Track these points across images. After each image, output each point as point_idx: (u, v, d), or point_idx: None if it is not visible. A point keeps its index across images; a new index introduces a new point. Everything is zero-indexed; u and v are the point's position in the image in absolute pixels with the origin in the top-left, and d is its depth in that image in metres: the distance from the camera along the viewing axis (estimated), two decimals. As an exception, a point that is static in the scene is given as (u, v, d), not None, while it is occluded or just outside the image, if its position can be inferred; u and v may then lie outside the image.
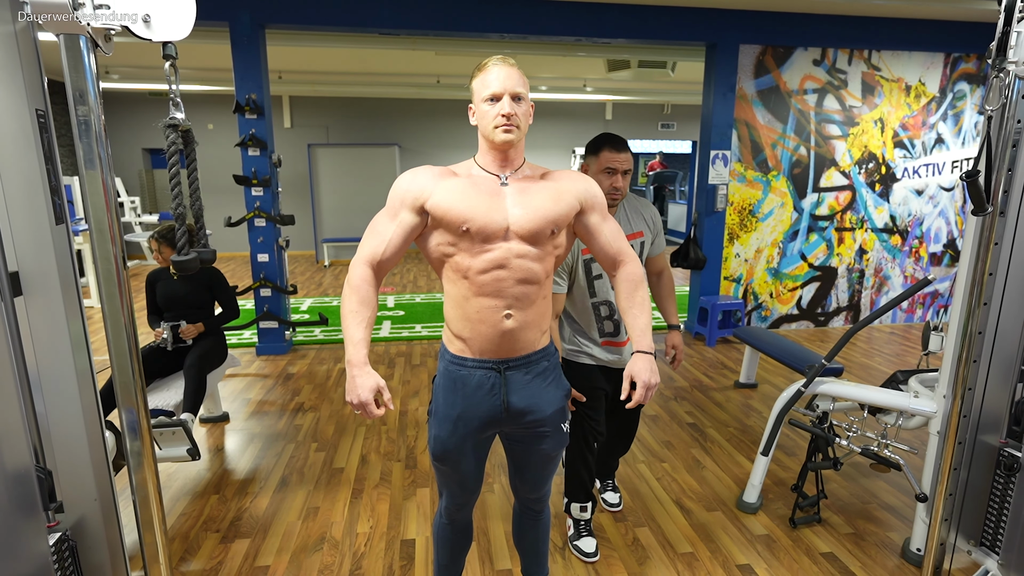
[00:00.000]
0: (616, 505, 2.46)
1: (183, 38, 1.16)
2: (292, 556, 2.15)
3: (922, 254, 5.44)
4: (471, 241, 1.34)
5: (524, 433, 1.50)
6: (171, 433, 2.32)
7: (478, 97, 1.37)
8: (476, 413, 1.44)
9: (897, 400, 2.17)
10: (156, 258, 2.92)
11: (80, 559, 1.39)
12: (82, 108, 1.14)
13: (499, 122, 1.33)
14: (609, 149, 1.87)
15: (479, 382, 1.42)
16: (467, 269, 1.36)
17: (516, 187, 1.39)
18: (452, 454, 1.48)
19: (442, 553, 1.73)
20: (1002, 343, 1.71)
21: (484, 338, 1.39)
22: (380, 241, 1.39)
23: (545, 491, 1.65)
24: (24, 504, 1.23)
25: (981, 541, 1.83)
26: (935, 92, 5.11)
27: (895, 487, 2.65)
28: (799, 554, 2.19)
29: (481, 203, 1.34)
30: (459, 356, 1.44)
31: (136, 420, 1.33)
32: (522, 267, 1.36)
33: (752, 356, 3.87)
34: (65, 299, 1.34)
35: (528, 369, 1.45)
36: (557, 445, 1.53)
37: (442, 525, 1.69)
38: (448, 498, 1.61)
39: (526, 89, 1.36)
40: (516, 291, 1.37)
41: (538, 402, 1.46)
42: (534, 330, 1.43)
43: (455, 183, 1.37)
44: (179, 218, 1.22)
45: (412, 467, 2.80)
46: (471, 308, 1.38)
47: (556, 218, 1.38)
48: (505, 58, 1.36)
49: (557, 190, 1.41)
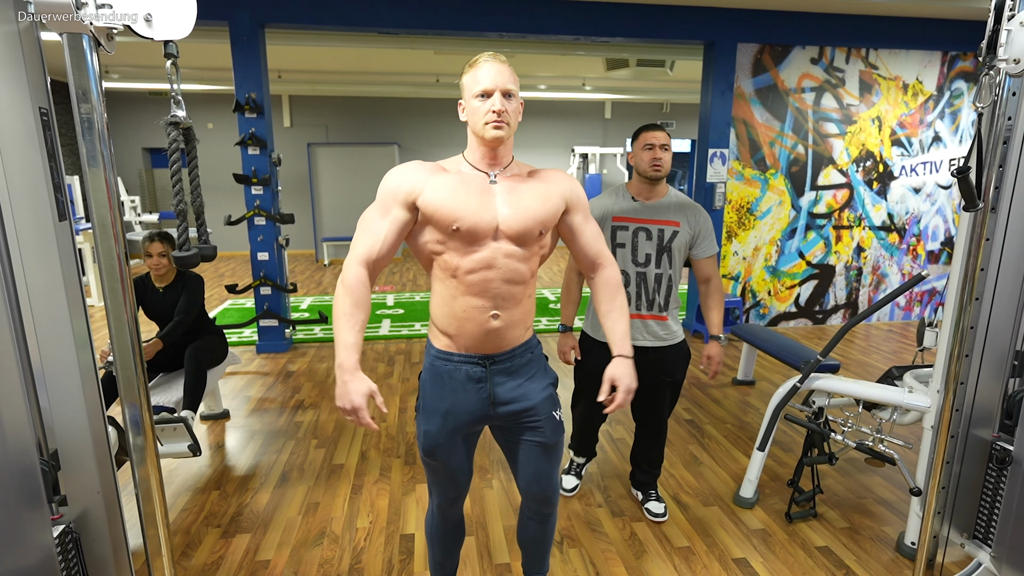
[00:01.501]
0: (661, 515, 2.38)
1: (184, 37, 1.18)
2: (292, 551, 2.17)
3: (919, 252, 5.46)
4: (460, 240, 1.35)
5: (516, 425, 1.51)
6: (172, 429, 2.34)
7: (468, 93, 1.37)
8: (464, 407, 1.46)
9: (892, 395, 2.19)
10: (144, 260, 2.82)
11: (84, 552, 1.41)
12: (85, 106, 1.15)
13: (489, 118, 1.33)
14: (646, 130, 2.13)
15: (465, 376, 1.44)
16: (456, 268, 1.37)
17: (505, 186, 1.39)
18: (442, 448, 1.49)
19: (437, 550, 1.74)
20: (994, 338, 1.73)
21: (470, 336, 1.40)
22: (375, 239, 1.38)
23: (552, 489, 1.60)
24: (29, 496, 1.25)
25: (974, 534, 1.85)
26: (932, 90, 5.13)
27: (890, 482, 2.68)
28: (795, 548, 2.21)
29: (471, 202, 1.35)
30: (445, 351, 1.45)
31: (139, 415, 1.35)
32: (509, 267, 1.37)
33: (750, 353, 3.89)
34: (68, 295, 1.36)
35: (512, 362, 1.46)
36: (553, 433, 1.53)
37: (435, 523, 1.69)
38: (439, 495, 1.61)
39: (516, 86, 1.37)
40: (503, 291, 1.38)
41: (524, 392, 1.48)
42: (519, 327, 1.45)
43: (445, 180, 1.37)
44: (180, 215, 1.24)
45: (411, 463, 2.82)
46: (458, 307, 1.39)
47: (544, 219, 1.40)
48: (495, 54, 1.36)
49: (545, 190, 1.42)
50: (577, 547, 2.21)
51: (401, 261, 9.14)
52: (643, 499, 2.47)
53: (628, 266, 2.16)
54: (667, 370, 2.23)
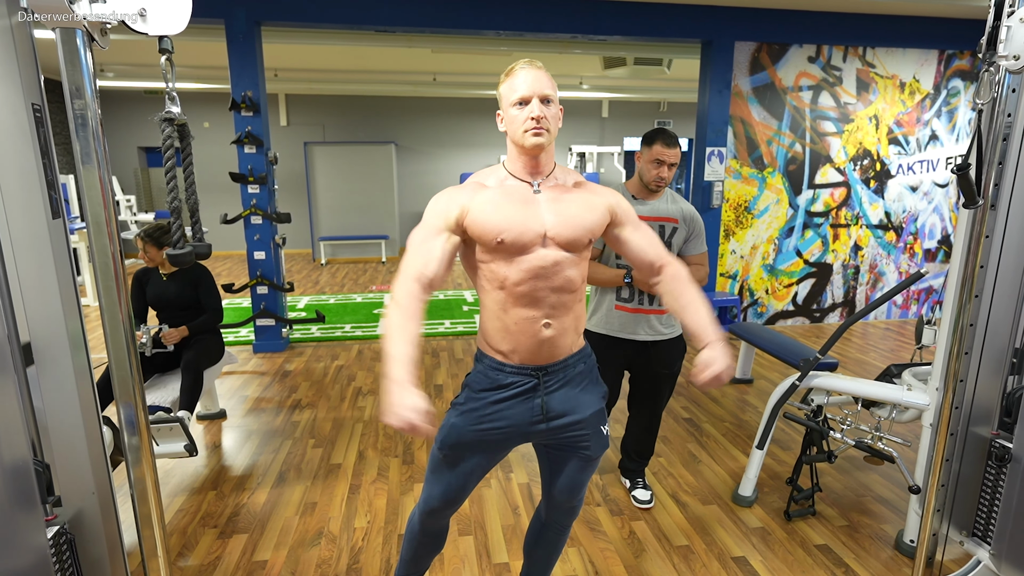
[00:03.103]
0: (647, 502, 2.46)
1: (179, 33, 1.17)
2: (290, 551, 2.16)
3: (916, 250, 5.47)
4: (507, 253, 1.32)
5: (563, 441, 1.47)
6: (168, 429, 2.33)
7: (506, 102, 1.35)
8: (508, 414, 1.42)
9: (890, 393, 2.19)
10: (142, 257, 2.88)
11: (78, 553, 1.40)
12: (79, 102, 1.14)
13: (528, 126, 1.31)
14: (661, 143, 2.14)
15: (517, 385, 1.40)
16: (504, 279, 1.33)
17: (549, 195, 1.37)
18: (466, 446, 1.45)
19: (407, 549, 1.69)
20: (993, 335, 1.73)
21: (524, 349, 1.38)
22: (427, 257, 1.32)
23: (579, 499, 1.58)
24: (22, 497, 1.24)
25: (973, 532, 1.85)
26: (929, 89, 5.13)
27: (889, 480, 2.67)
28: (794, 546, 2.21)
29: (516, 213, 1.32)
30: (499, 362, 1.42)
31: (134, 415, 1.33)
32: (560, 275, 1.34)
33: (748, 352, 3.89)
34: (62, 293, 1.34)
35: (566, 372, 1.43)
36: (598, 448, 1.50)
37: (413, 524, 1.64)
38: (435, 495, 1.54)
39: (555, 92, 1.35)
40: (553, 300, 1.35)
41: (577, 405, 1.45)
42: (571, 334, 1.42)
43: (488, 195, 1.35)
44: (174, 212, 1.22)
45: (409, 463, 2.81)
46: (510, 320, 1.36)
47: (592, 227, 1.38)
48: (532, 61, 1.35)
49: (589, 201, 1.40)
50: (576, 546, 2.21)
51: (398, 260, 9.11)
52: (631, 487, 2.55)
53: None
54: (666, 363, 2.30)
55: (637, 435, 2.49)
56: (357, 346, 4.73)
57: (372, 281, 7.52)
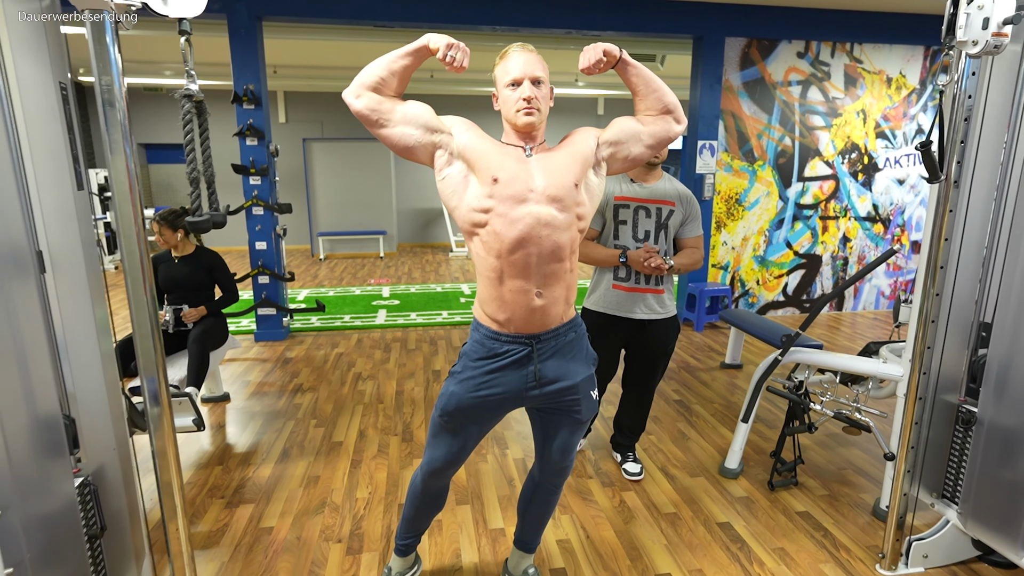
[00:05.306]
0: (637, 475, 2.58)
1: (197, 15, 1.26)
2: (295, 519, 2.26)
3: (904, 242, 5.59)
4: (501, 200, 1.40)
5: (555, 405, 1.58)
6: (177, 403, 2.42)
7: (500, 83, 1.46)
8: (505, 383, 1.51)
9: (867, 365, 2.30)
10: (157, 240, 3.01)
11: (101, 503, 1.49)
12: (106, 79, 1.24)
13: (520, 105, 1.43)
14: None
15: (512, 353, 1.50)
16: (499, 249, 1.42)
17: (539, 157, 1.48)
18: (465, 412, 1.54)
19: (408, 508, 1.79)
20: (958, 307, 1.84)
21: (519, 318, 1.47)
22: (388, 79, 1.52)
23: (570, 459, 1.68)
24: (53, 447, 1.34)
25: (942, 493, 1.96)
26: (915, 84, 5.25)
27: (868, 454, 2.79)
28: (776, 513, 2.31)
29: (510, 163, 1.43)
30: (494, 331, 1.51)
31: (156, 387, 1.42)
32: (550, 239, 1.42)
33: (737, 337, 4.00)
34: (86, 259, 1.44)
35: (557, 340, 1.53)
36: (588, 411, 1.61)
37: (416, 485, 1.73)
38: (436, 456, 1.63)
39: (546, 73, 1.46)
40: (545, 270, 1.45)
41: (568, 371, 1.54)
42: (561, 303, 1.51)
43: (488, 144, 1.47)
44: (193, 182, 1.32)
45: (409, 440, 2.91)
46: (505, 290, 1.45)
47: (578, 173, 1.47)
48: (524, 44, 1.45)
49: (572, 149, 1.50)
50: (569, 514, 2.31)
51: (396, 255, 9.22)
52: (621, 460, 2.66)
53: (629, 241, 2.32)
54: (661, 341, 2.41)
55: (630, 410, 2.60)
56: (356, 335, 4.82)
57: (370, 275, 7.62)
